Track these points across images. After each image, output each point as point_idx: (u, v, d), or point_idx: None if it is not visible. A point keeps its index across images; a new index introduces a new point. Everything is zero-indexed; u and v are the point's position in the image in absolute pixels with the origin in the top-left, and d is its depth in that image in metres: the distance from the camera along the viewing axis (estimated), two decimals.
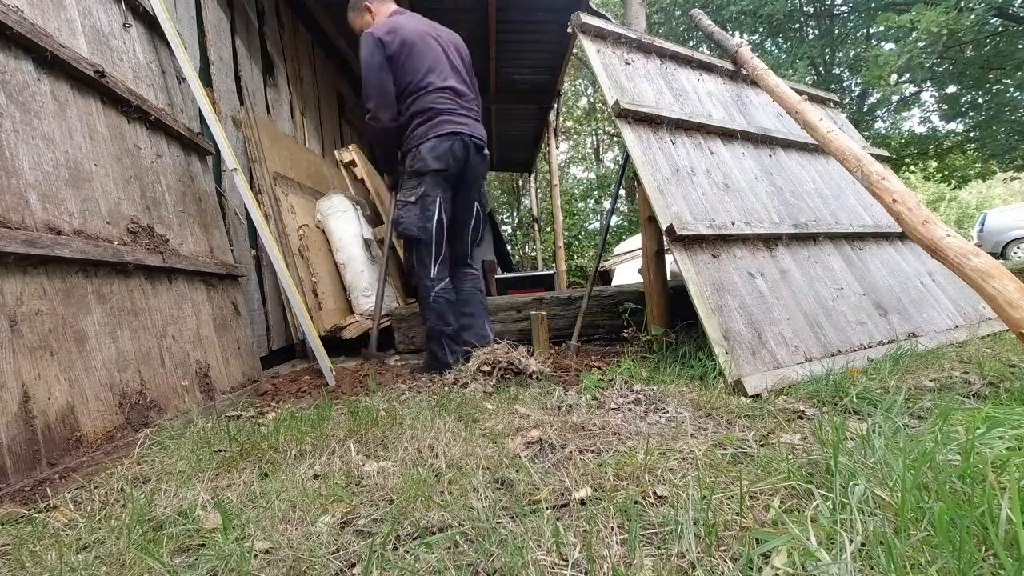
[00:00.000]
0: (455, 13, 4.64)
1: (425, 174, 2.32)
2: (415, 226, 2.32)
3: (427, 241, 2.33)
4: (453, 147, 2.32)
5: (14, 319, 1.22)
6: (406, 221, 2.34)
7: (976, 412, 1.16)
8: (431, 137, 2.30)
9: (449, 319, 2.40)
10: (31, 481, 1.15)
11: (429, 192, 2.32)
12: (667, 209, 2.11)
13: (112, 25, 1.95)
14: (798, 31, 13.38)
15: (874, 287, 2.58)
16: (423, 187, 2.32)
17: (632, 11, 2.94)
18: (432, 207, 2.32)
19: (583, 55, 3.37)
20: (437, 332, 2.38)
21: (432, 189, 2.32)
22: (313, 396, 2.10)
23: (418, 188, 2.33)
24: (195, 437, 1.43)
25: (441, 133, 2.31)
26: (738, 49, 3.14)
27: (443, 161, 2.31)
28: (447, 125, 2.33)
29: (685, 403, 1.60)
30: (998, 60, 9.49)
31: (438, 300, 2.37)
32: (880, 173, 1.95)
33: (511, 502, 0.98)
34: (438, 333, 2.38)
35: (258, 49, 3.55)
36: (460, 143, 2.34)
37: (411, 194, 2.34)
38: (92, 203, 1.58)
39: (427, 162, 2.30)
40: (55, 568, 0.82)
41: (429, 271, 2.36)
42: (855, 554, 0.71)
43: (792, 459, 1.05)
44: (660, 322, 2.44)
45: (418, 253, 2.37)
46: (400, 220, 2.36)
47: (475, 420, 1.51)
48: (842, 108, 4.28)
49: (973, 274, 1.57)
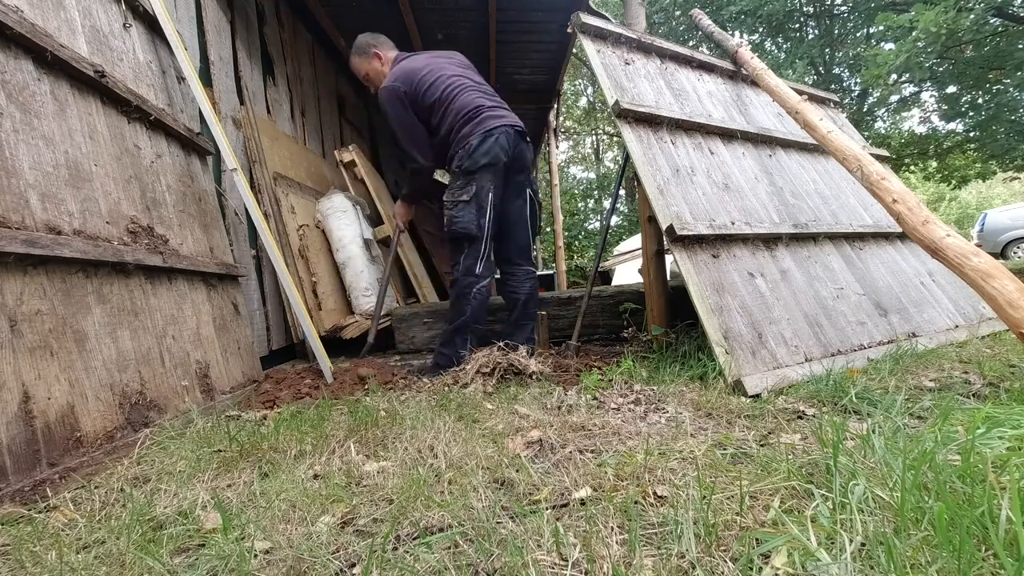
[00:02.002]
0: (455, 13, 4.64)
1: (475, 171, 2.33)
2: (473, 224, 2.33)
3: (481, 238, 2.34)
4: (499, 140, 2.34)
5: (14, 319, 1.22)
6: (462, 220, 2.33)
7: (976, 412, 1.16)
8: (478, 133, 2.33)
9: (482, 317, 2.42)
10: (31, 481, 1.15)
11: (482, 189, 2.33)
12: (667, 209, 2.11)
13: (112, 25, 1.95)
14: (798, 31, 13.38)
15: (874, 287, 2.58)
16: (475, 184, 2.33)
17: (632, 11, 2.94)
18: (486, 203, 2.33)
19: (583, 55, 3.37)
20: (467, 326, 2.38)
21: (484, 185, 2.33)
22: (313, 396, 2.10)
23: (470, 186, 2.33)
24: (195, 437, 1.43)
25: (488, 128, 2.34)
26: (738, 49, 3.14)
27: (492, 155, 2.32)
28: (490, 120, 2.36)
29: (685, 403, 1.60)
30: (998, 60, 9.48)
31: (478, 295, 2.37)
32: (880, 173, 1.95)
33: (511, 502, 0.98)
34: (467, 327, 2.38)
35: (258, 49, 3.55)
36: (506, 135, 2.36)
37: (463, 193, 2.34)
38: (92, 203, 1.58)
39: (477, 159, 2.31)
40: (55, 568, 0.82)
41: (476, 267, 2.36)
42: (855, 554, 0.71)
43: (792, 459, 1.05)
44: (660, 322, 2.44)
45: (470, 250, 2.36)
46: (455, 220, 2.35)
47: (475, 420, 1.51)
48: (842, 108, 4.28)
49: (973, 274, 1.57)
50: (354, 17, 4.57)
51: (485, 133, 2.33)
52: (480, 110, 2.39)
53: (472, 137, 2.33)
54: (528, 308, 2.59)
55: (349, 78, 5.67)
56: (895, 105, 13.22)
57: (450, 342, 2.40)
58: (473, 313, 2.38)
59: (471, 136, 2.33)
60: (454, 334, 2.40)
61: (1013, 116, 10.08)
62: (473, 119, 2.37)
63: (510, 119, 2.44)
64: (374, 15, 4.53)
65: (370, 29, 4.97)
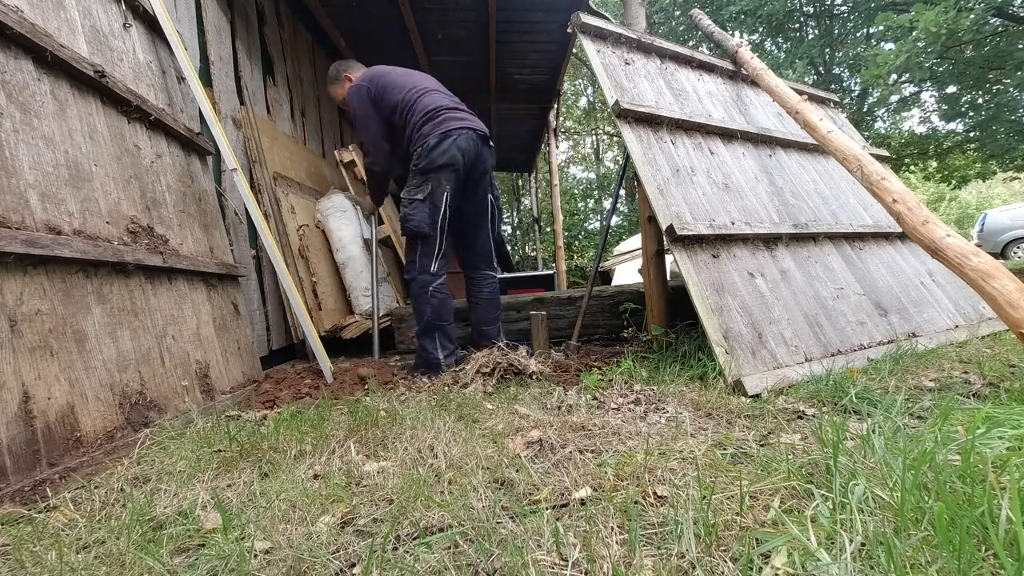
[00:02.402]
0: (455, 13, 4.64)
1: (431, 171, 2.33)
2: (425, 223, 2.33)
3: (434, 236, 2.35)
4: (458, 141, 2.33)
5: (14, 319, 1.22)
6: (416, 219, 2.34)
7: (976, 412, 1.16)
8: (436, 133, 2.32)
9: (446, 314, 2.40)
10: (31, 481, 1.15)
11: (437, 188, 2.33)
12: (667, 209, 2.11)
13: (112, 25, 1.95)
14: (798, 31, 13.37)
15: (874, 287, 2.58)
16: (430, 184, 2.33)
17: (632, 11, 2.94)
18: (440, 203, 2.33)
19: (583, 55, 3.37)
20: (431, 326, 2.38)
21: (439, 185, 2.33)
22: (313, 396, 2.10)
23: (425, 185, 2.34)
24: (195, 437, 1.43)
25: (447, 129, 2.33)
26: (738, 49, 3.14)
27: (449, 156, 2.32)
28: (451, 121, 2.36)
29: (685, 403, 1.60)
30: (998, 60, 9.48)
31: (436, 294, 2.37)
32: (880, 173, 1.95)
33: (511, 502, 0.98)
34: (432, 327, 2.38)
35: (258, 49, 3.55)
36: (466, 137, 2.36)
37: (418, 192, 2.35)
38: (92, 203, 1.58)
39: (434, 159, 2.31)
40: (55, 568, 0.82)
41: (430, 266, 2.37)
42: (855, 554, 0.71)
43: (792, 459, 1.05)
44: (660, 322, 2.44)
45: (423, 249, 2.37)
46: (409, 218, 2.36)
47: (475, 420, 1.51)
48: (842, 108, 4.28)
49: (973, 274, 1.57)
50: (354, 17, 4.56)
51: (443, 134, 2.32)
52: (440, 111, 2.39)
53: (430, 137, 2.33)
54: (488, 314, 2.61)
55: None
56: (895, 105, 13.22)
57: (421, 345, 2.42)
58: (435, 312, 2.38)
59: (429, 136, 2.33)
60: (422, 337, 2.41)
61: (1013, 116, 10.08)
62: (434, 119, 2.37)
63: (472, 123, 2.43)
64: (374, 15, 4.53)
65: (370, 29, 4.97)
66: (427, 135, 2.34)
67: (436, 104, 2.40)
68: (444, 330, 2.40)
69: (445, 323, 2.41)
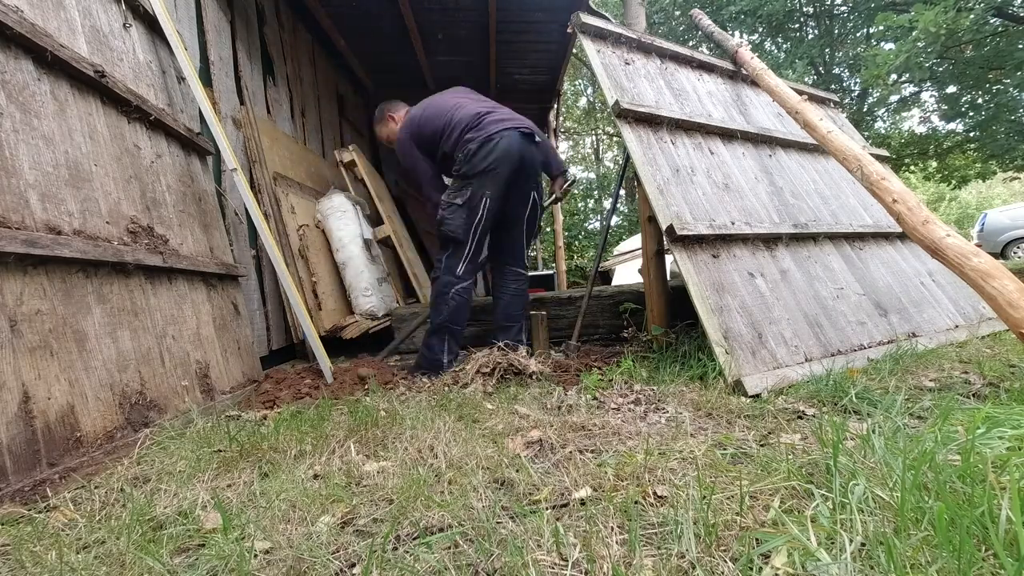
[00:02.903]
0: (455, 13, 4.63)
1: (473, 177, 2.32)
2: (460, 229, 2.33)
3: (466, 242, 2.35)
4: (501, 144, 2.32)
5: (14, 319, 1.22)
6: (451, 223, 2.34)
7: (976, 412, 1.16)
8: (478, 139, 2.33)
9: (460, 319, 2.41)
10: (31, 481, 1.15)
11: (476, 194, 2.32)
12: (667, 209, 2.11)
13: (112, 25, 1.95)
14: (798, 31, 13.38)
15: (874, 287, 2.58)
16: (470, 190, 2.33)
17: (632, 11, 2.94)
18: (479, 210, 2.33)
19: (583, 55, 3.37)
20: (444, 327, 2.38)
21: (479, 191, 2.32)
22: (313, 396, 2.10)
23: (465, 190, 2.33)
24: (195, 437, 1.43)
25: (489, 133, 2.33)
26: (738, 49, 3.14)
27: (492, 160, 2.31)
28: (492, 125, 2.36)
29: (685, 403, 1.60)
30: (998, 60, 9.48)
31: (456, 296, 2.37)
32: (880, 173, 1.95)
33: (511, 502, 0.98)
34: (444, 329, 2.38)
35: (258, 49, 3.55)
36: (508, 138, 2.34)
37: (457, 196, 2.35)
38: (92, 203, 1.58)
39: (475, 164, 2.31)
40: (55, 568, 0.82)
41: (457, 268, 2.37)
42: (855, 554, 0.71)
43: (792, 459, 1.05)
44: (660, 322, 2.44)
45: (453, 251, 2.38)
46: (445, 221, 2.36)
47: (475, 420, 1.51)
48: (842, 108, 4.29)
49: (973, 274, 1.57)
50: (354, 17, 4.56)
51: (486, 139, 2.32)
52: (480, 117, 2.40)
53: (472, 143, 2.33)
54: (510, 310, 2.57)
55: (349, 78, 5.68)
56: (895, 105, 13.23)
57: (428, 344, 2.42)
58: (450, 314, 2.38)
59: (471, 142, 2.34)
60: (431, 336, 2.41)
61: (1013, 116, 10.09)
62: (474, 127, 2.37)
63: (515, 121, 2.42)
64: (374, 15, 4.53)
65: (370, 29, 4.96)
66: (469, 141, 2.34)
67: (473, 112, 2.41)
68: (454, 334, 2.41)
69: (457, 327, 2.41)
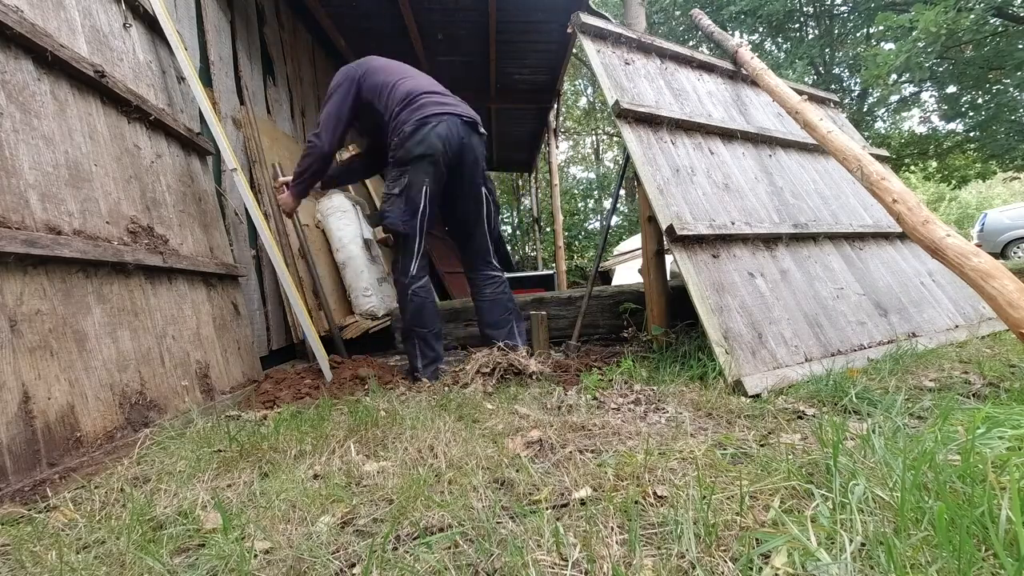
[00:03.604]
0: (455, 13, 4.64)
1: (409, 163, 2.14)
2: (399, 220, 2.17)
3: (412, 236, 2.20)
4: (437, 129, 2.13)
5: (14, 319, 1.22)
6: (390, 215, 2.19)
7: (976, 412, 1.16)
8: (413, 120, 2.13)
9: (425, 320, 2.27)
10: (31, 481, 1.15)
11: (414, 182, 2.15)
12: (667, 209, 2.11)
13: (112, 25, 1.95)
14: (798, 31, 13.38)
15: (874, 287, 2.58)
16: (407, 177, 2.16)
17: (632, 11, 2.94)
18: (417, 199, 2.15)
19: (583, 55, 3.37)
20: (411, 333, 2.27)
21: (417, 178, 2.15)
22: (313, 396, 2.10)
23: (401, 179, 2.17)
24: (195, 437, 1.43)
25: (426, 115, 2.14)
26: (738, 49, 3.14)
27: (427, 145, 2.12)
28: (432, 107, 2.17)
29: (685, 403, 1.60)
30: (998, 60, 9.49)
31: (415, 297, 2.24)
32: (880, 173, 1.95)
33: (511, 502, 0.98)
34: (412, 334, 2.27)
35: (258, 49, 3.55)
36: (447, 125, 2.16)
37: (395, 185, 2.18)
38: (92, 203, 1.58)
39: (410, 149, 2.13)
40: (55, 568, 0.82)
41: (408, 268, 2.23)
42: (855, 554, 0.71)
43: (792, 459, 1.05)
44: (660, 322, 2.44)
45: (404, 250, 2.23)
46: (385, 214, 2.22)
47: (475, 420, 1.51)
48: (842, 108, 4.29)
49: (973, 274, 1.57)
50: (354, 17, 4.57)
51: (420, 120, 2.12)
52: (420, 96, 2.18)
53: (407, 124, 2.13)
54: (490, 317, 2.41)
55: None
56: (895, 105, 13.23)
57: (406, 350, 2.36)
58: (412, 317, 2.25)
59: (406, 123, 2.14)
60: (404, 342, 2.34)
61: (1013, 116, 10.09)
62: (411, 105, 2.17)
63: (457, 108, 2.23)
64: (374, 15, 4.53)
65: (370, 29, 4.97)
66: (404, 122, 2.14)
67: (418, 89, 2.20)
68: (424, 337, 2.27)
69: (425, 329, 2.27)
